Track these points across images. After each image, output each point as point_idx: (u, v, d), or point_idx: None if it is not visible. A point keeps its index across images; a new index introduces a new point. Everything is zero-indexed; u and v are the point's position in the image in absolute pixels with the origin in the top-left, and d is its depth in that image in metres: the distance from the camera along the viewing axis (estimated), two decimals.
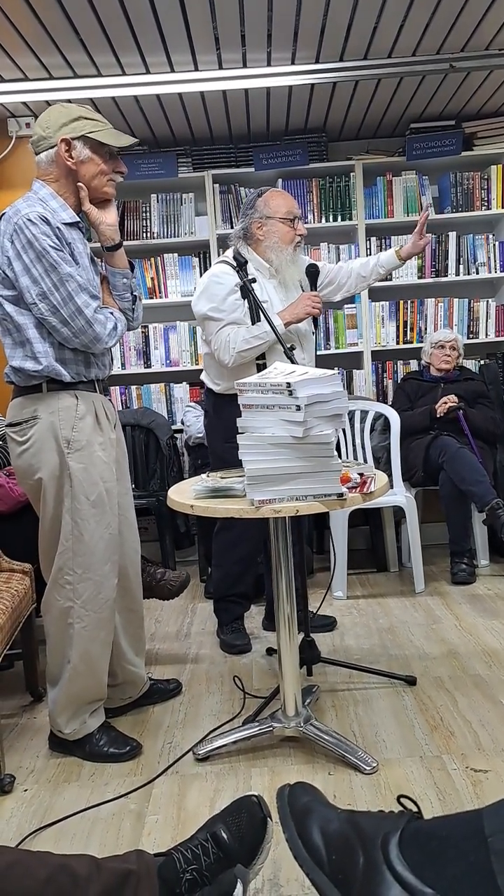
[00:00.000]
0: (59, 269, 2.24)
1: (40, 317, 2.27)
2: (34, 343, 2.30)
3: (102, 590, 2.41)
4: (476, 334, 4.74)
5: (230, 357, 3.03)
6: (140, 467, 4.49)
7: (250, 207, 3.18)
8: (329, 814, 1.52)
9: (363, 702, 2.70)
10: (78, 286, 2.27)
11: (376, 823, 1.42)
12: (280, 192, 3.25)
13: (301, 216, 3.22)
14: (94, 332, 2.31)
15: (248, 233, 3.17)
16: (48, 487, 2.35)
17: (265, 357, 3.08)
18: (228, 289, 3.06)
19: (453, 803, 2.05)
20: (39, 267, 2.24)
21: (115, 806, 2.16)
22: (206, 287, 3.12)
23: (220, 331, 3.05)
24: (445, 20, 3.41)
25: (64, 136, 2.33)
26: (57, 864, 1.43)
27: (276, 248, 3.11)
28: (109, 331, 2.37)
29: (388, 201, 4.65)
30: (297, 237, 3.16)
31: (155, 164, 4.49)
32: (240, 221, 3.25)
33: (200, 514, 2.15)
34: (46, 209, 2.30)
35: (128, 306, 2.53)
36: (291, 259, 3.15)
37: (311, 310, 3.06)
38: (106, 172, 2.40)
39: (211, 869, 1.55)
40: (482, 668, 2.91)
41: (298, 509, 2.04)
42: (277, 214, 3.13)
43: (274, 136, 4.69)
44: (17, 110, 4.17)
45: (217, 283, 3.08)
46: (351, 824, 1.45)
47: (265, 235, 3.13)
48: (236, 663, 3.15)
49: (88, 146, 2.35)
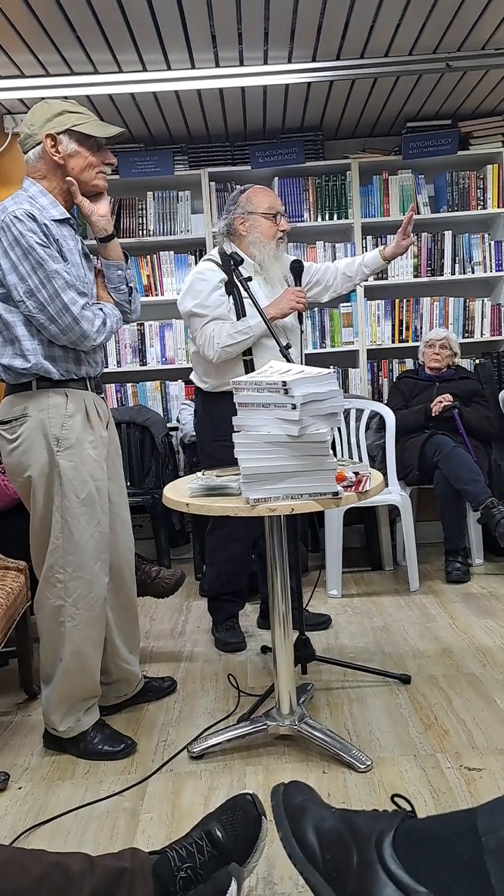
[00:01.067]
0: (46, 266, 2.24)
1: (28, 314, 2.27)
2: (23, 341, 2.29)
3: (93, 588, 2.41)
4: (471, 333, 4.74)
5: (215, 352, 3.03)
6: (135, 465, 4.49)
7: (233, 204, 3.20)
8: (323, 813, 1.51)
9: (357, 700, 2.70)
10: (65, 283, 2.27)
11: (371, 822, 1.42)
12: (263, 188, 3.25)
13: (283, 212, 3.23)
14: (81, 330, 2.31)
15: (231, 229, 3.19)
16: (38, 485, 2.35)
17: (252, 353, 3.08)
18: (212, 285, 3.07)
19: (447, 802, 2.05)
20: (26, 264, 2.23)
21: (109, 804, 2.17)
22: (190, 284, 3.13)
23: (205, 326, 3.05)
24: (442, 19, 3.41)
25: (48, 131, 2.33)
26: (51, 862, 1.43)
27: (259, 243, 3.12)
28: (98, 328, 2.36)
29: (384, 200, 4.65)
30: (279, 232, 3.17)
31: (151, 162, 4.48)
32: (223, 218, 3.25)
33: (196, 513, 2.15)
34: (35, 206, 2.30)
35: (124, 298, 2.53)
36: (274, 255, 3.16)
37: (295, 305, 3.07)
38: (94, 164, 2.40)
39: (205, 867, 1.56)
40: (476, 666, 2.92)
41: (294, 508, 2.04)
42: (259, 210, 3.14)
43: (270, 135, 4.69)
44: (14, 107, 4.16)
45: (201, 279, 3.09)
46: (345, 823, 1.45)
47: (248, 231, 3.15)
48: (231, 661, 3.15)
49: (74, 139, 2.35)
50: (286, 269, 3.22)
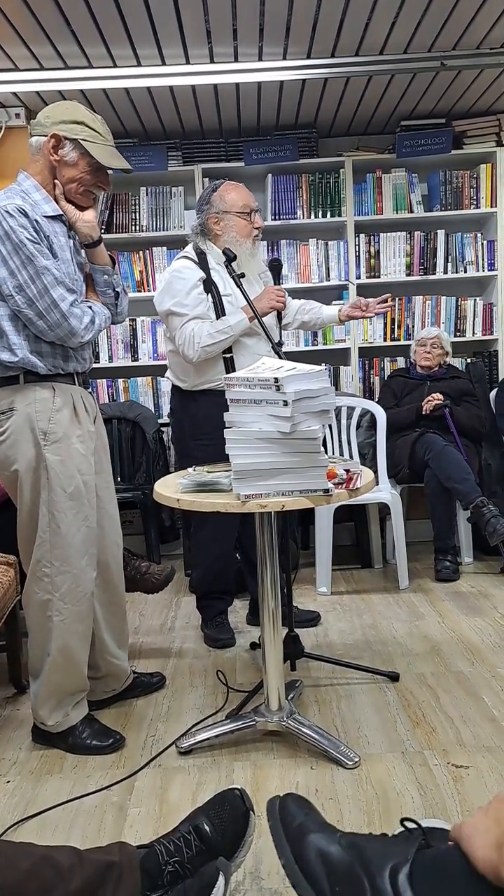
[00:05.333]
0: (36, 261, 2.23)
1: (16, 309, 2.26)
2: (9, 335, 2.29)
3: (80, 583, 2.41)
4: (463, 332, 4.76)
5: (195, 352, 3.01)
6: (126, 460, 4.49)
7: (205, 202, 3.17)
8: (328, 837, 1.42)
9: (346, 697, 2.71)
10: (54, 279, 2.26)
11: (382, 851, 1.33)
12: (235, 185, 3.21)
13: (257, 208, 3.19)
14: (70, 326, 2.30)
15: (206, 228, 3.15)
16: (24, 479, 2.35)
17: (232, 351, 3.07)
18: (191, 283, 3.04)
19: (434, 799, 2.06)
20: (16, 259, 2.23)
21: (97, 798, 2.17)
22: (168, 283, 3.09)
23: (184, 325, 3.02)
24: (437, 18, 3.42)
25: (57, 130, 2.32)
26: (39, 855, 1.43)
27: (235, 242, 3.08)
28: (86, 325, 2.35)
29: (377, 198, 4.65)
30: (254, 230, 3.15)
31: (145, 157, 4.47)
32: (196, 217, 3.23)
33: (186, 509, 2.15)
34: (27, 201, 2.29)
35: (110, 302, 2.53)
36: (251, 252, 3.14)
37: (275, 304, 3.06)
38: (84, 182, 2.39)
39: (193, 861, 1.56)
40: (464, 664, 2.93)
41: (284, 504, 2.04)
42: (234, 209, 3.11)
43: (264, 131, 4.69)
44: (7, 101, 4.14)
45: (179, 278, 3.06)
46: (355, 851, 1.36)
47: (223, 230, 3.12)
48: (220, 657, 3.15)
49: (77, 151, 2.35)
50: (262, 267, 3.22)
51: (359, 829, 1.93)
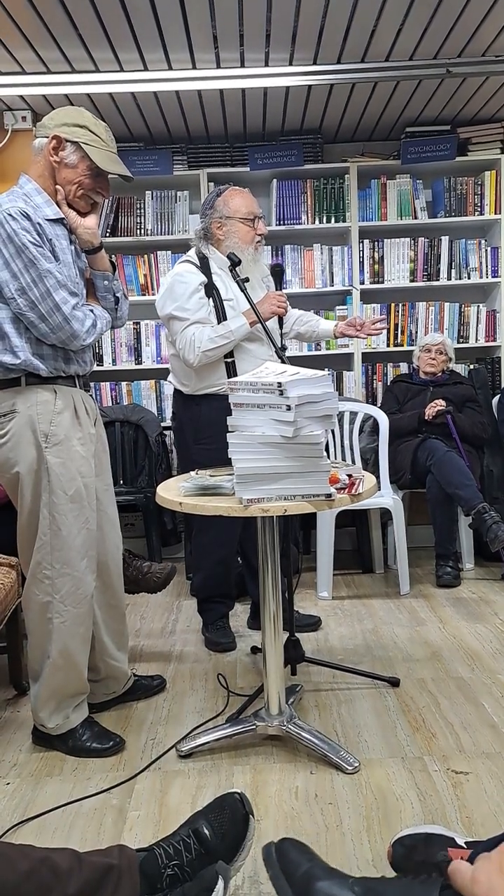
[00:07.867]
0: (39, 264, 2.24)
1: (18, 312, 2.27)
2: (11, 337, 2.29)
3: (81, 585, 2.41)
4: (466, 339, 4.76)
5: (195, 357, 3.01)
6: (128, 463, 4.50)
7: (209, 207, 3.17)
8: (340, 883, 1.27)
9: (346, 702, 2.71)
10: (57, 282, 2.27)
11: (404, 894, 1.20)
12: (240, 190, 3.22)
13: (261, 215, 3.20)
14: (72, 329, 2.31)
15: (209, 233, 3.16)
16: (25, 481, 2.35)
17: (234, 355, 3.07)
18: (192, 287, 3.04)
19: (434, 805, 2.06)
20: (19, 262, 2.23)
21: (97, 801, 2.17)
22: (169, 287, 3.10)
23: (185, 330, 3.02)
24: (443, 25, 3.43)
25: (58, 132, 2.33)
26: (39, 857, 1.43)
27: (237, 248, 3.08)
28: (88, 328, 2.36)
29: (381, 204, 4.66)
30: (257, 237, 3.15)
31: (150, 162, 4.48)
32: (200, 221, 3.23)
33: (189, 512, 2.15)
34: (29, 204, 2.30)
35: (110, 307, 2.53)
36: (253, 258, 3.15)
37: (276, 309, 3.07)
38: (83, 186, 2.39)
39: (192, 865, 1.56)
40: (465, 670, 2.93)
41: (287, 509, 2.04)
42: (238, 215, 3.11)
43: (270, 137, 4.70)
44: (14, 104, 4.15)
45: (181, 282, 3.07)
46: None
47: (225, 235, 3.12)
48: (220, 661, 3.15)
49: (77, 154, 2.35)
50: (264, 272, 3.22)
51: (357, 834, 1.93)
